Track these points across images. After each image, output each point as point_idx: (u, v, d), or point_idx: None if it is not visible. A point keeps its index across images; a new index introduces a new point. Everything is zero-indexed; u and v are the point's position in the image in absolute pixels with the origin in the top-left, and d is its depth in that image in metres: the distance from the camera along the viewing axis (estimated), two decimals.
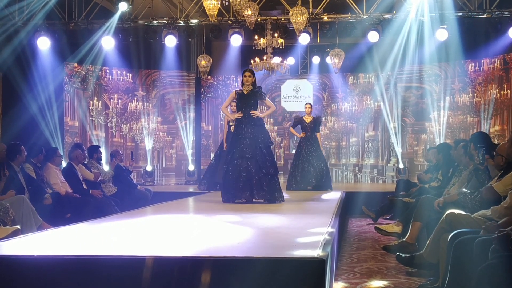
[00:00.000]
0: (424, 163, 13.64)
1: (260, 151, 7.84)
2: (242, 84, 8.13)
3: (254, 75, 8.16)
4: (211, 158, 13.13)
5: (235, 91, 8.16)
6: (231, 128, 9.72)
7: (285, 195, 8.57)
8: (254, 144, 7.83)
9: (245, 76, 8.08)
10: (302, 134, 11.13)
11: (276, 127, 15.60)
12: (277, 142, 15.53)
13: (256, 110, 8.08)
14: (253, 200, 7.78)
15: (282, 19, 12.49)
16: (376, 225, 7.88)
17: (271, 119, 15.55)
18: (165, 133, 15.33)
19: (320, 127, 11.48)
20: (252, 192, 7.77)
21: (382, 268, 5.72)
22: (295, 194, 10.16)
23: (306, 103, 11.47)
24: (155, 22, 12.62)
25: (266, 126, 8.61)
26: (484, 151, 5.41)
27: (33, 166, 8.29)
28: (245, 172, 7.76)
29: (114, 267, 3.66)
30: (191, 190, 12.86)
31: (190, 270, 3.62)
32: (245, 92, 8.03)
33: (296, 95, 15.49)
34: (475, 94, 13.96)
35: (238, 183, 7.75)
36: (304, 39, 12.36)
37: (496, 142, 8.60)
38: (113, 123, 14.61)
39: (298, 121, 11.27)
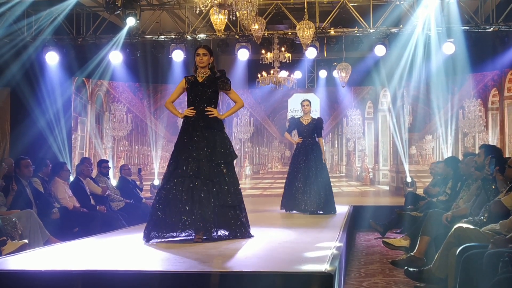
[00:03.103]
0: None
1: (219, 170, 5.55)
2: (196, 68, 5.76)
3: (211, 54, 5.74)
4: None
5: (185, 77, 5.79)
6: None
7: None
8: (209, 158, 5.55)
9: (198, 55, 5.67)
10: (299, 140, 9.25)
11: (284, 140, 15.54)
12: (287, 155, 15.44)
13: (216, 106, 5.77)
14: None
15: (289, 33, 12.52)
16: (384, 239, 7.86)
17: (279, 131, 15.52)
18: (173, 146, 15.29)
19: (323, 131, 9.42)
20: (202, 227, 5.27)
21: (390, 283, 5.68)
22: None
23: (304, 100, 9.55)
24: (162, 37, 12.66)
25: (275, 141, 7.63)
26: (495, 162, 5.40)
27: (41, 180, 8.33)
28: (186, 196, 5.33)
29: (122, 282, 3.66)
30: None
31: (197, 285, 3.61)
32: (199, 79, 5.69)
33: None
34: (483, 108, 13.93)
35: (172, 212, 5.32)
36: (311, 53, 12.36)
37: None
38: (121, 137, 14.65)
39: (293, 123, 9.48)
